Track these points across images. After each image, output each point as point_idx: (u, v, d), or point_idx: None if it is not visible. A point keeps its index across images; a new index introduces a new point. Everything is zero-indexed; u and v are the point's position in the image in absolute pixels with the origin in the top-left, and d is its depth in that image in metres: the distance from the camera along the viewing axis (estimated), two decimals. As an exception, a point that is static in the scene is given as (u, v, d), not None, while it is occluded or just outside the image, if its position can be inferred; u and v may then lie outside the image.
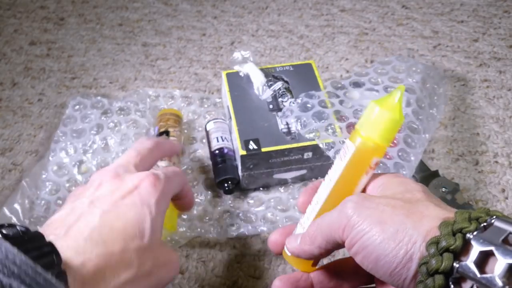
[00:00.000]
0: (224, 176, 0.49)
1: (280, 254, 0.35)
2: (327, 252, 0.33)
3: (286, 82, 0.52)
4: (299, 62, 0.55)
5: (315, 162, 0.49)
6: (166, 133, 0.51)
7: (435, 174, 0.50)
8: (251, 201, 0.50)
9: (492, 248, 0.24)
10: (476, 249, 0.25)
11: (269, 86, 0.51)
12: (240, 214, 0.48)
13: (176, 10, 0.74)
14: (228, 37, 0.69)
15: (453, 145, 0.55)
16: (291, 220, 0.48)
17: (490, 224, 0.26)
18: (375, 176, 0.33)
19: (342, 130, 0.47)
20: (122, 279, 0.29)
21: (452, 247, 0.25)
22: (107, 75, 0.64)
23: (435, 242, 0.26)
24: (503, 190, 0.50)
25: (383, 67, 0.53)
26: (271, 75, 0.53)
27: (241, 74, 0.53)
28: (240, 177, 0.49)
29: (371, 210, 0.28)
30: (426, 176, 0.50)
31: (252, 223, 0.48)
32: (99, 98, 0.56)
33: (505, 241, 0.25)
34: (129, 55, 0.67)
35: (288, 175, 0.50)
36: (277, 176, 0.50)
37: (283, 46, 0.68)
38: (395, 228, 0.27)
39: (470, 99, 0.60)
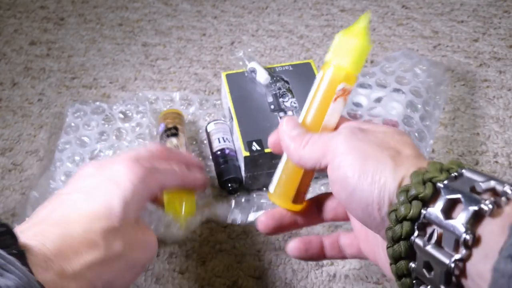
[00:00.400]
0: (228, 176, 0.49)
1: (268, 233, 0.37)
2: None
3: (286, 82, 0.52)
4: (298, 62, 0.55)
5: None
6: (175, 128, 0.51)
7: (435, 174, 0.51)
8: (255, 201, 0.50)
9: (459, 195, 0.25)
10: (444, 196, 0.26)
11: (273, 83, 0.52)
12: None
13: (176, 10, 0.74)
14: (228, 37, 0.69)
15: (453, 145, 0.55)
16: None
17: (461, 175, 0.27)
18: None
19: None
20: (88, 259, 0.28)
21: (421, 195, 0.26)
22: (107, 75, 0.64)
23: (405, 190, 0.27)
24: (503, 190, 0.51)
25: (390, 65, 0.53)
26: (271, 76, 0.53)
27: (246, 70, 0.53)
28: (243, 177, 0.49)
29: (361, 143, 0.30)
30: (426, 176, 0.50)
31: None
32: (98, 103, 0.55)
33: (473, 189, 0.25)
34: (129, 55, 0.67)
35: None
36: None
37: (283, 46, 0.68)
38: (375, 167, 0.28)
39: (470, 99, 0.60)
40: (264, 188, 0.51)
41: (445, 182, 0.26)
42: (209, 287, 0.43)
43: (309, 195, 0.36)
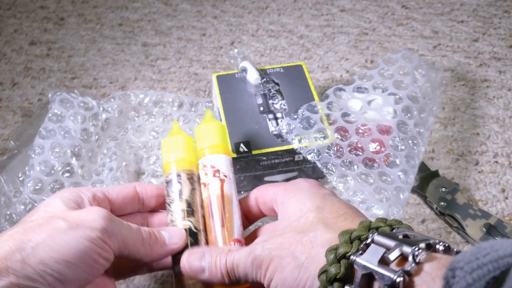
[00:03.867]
0: None
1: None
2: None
3: (277, 84, 0.52)
4: (290, 64, 0.54)
5: (306, 164, 0.49)
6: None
7: (435, 174, 0.50)
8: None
9: (371, 270, 0.25)
10: (359, 273, 0.25)
11: (263, 84, 0.51)
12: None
13: (176, 10, 0.74)
14: (228, 37, 0.69)
15: (453, 145, 0.55)
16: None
17: (372, 241, 0.26)
18: (281, 188, 0.35)
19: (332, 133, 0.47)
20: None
21: (339, 276, 0.26)
22: (107, 75, 0.64)
23: (324, 271, 0.27)
24: (503, 190, 0.50)
25: (388, 68, 0.52)
26: (262, 77, 0.53)
27: (238, 70, 0.53)
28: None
29: (274, 251, 0.30)
30: (426, 176, 0.50)
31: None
32: (86, 99, 0.54)
33: (382, 260, 0.25)
34: (129, 55, 0.67)
35: (279, 177, 0.50)
36: (268, 178, 0.49)
37: (283, 46, 0.68)
38: (292, 266, 0.29)
39: (470, 99, 0.60)
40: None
41: (357, 255, 0.26)
42: (209, 287, 0.43)
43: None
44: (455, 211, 0.47)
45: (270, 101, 0.51)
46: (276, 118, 0.49)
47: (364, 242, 0.27)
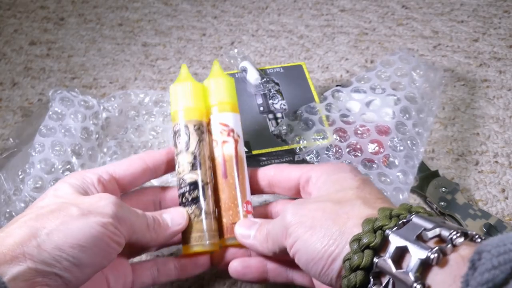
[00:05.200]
0: None
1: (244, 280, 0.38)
2: (280, 257, 0.35)
3: (277, 83, 0.52)
4: (290, 64, 0.54)
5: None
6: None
7: (435, 174, 0.50)
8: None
9: (406, 244, 0.25)
10: (393, 245, 0.26)
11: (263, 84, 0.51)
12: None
13: (176, 10, 0.74)
14: (228, 37, 0.69)
15: (453, 145, 0.55)
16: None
17: (409, 221, 0.27)
18: (317, 168, 0.36)
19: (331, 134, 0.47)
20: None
21: (372, 244, 0.27)
22: (107, 75, 0.64)
23: (357, 239, 0.27)
24: (503, 190, 0.50)
25: (385, 70, 0.52)
26: (262, 77, 0.53)
27: (238, 70, 0.53)
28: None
29: (304, 217, 0.31)
30: (426, 176, 0.50)
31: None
32: (87, 97, 0.54)
33: (419, 237, 0.26)
34: (129, 55, 0.67)
35: None
36: None
37: (283, 46, 0.68)
38: (322, 232, 0.29)
39: (470, 99, 0.60)
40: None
41: (394, 229, 0.27)
42: (209, 287, 0.43)
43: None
44: (455, 211, 0.47)
45: (270, 101, 0.51)
46: (276, 118, 0.49)
47: (402, 221, 0.27)
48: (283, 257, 0.35)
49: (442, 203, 0.47)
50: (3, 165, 0.50)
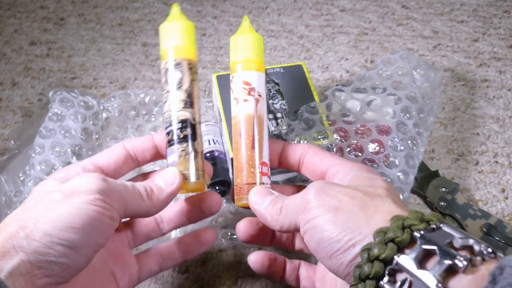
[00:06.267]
0: (216, 179, 0.48)
1: (247, 241, 0.38)
2: (287, 232, 0.35)
3: (277, 84, 0.52)
4: (290, 64, 0.54)
5: None
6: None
7: (435, 174, 0.50)
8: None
9: (435, 247, 0.25)
10: (420, 246, 0.26)
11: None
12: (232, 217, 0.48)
13: (176, 10, 0.74)
14: (228, 37, 0.69)
15: (453, 145, 0.55)
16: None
17: (439, 228, 0.27)
18: (350, 163, 0.35)
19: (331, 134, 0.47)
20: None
21: (398, 239, 0.26)
22: (107, 75, 0.64)
23: (383, 231, 0.27)
24: (503, 190, 0.50)
25: (387, 69, 0.52)
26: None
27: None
28: (231, 179, 0.49)
29: (330, 197, 0.30)
30: (426, 176, 0.50)
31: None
32: (87, 98, 0.55)
33: (450, 244, 0.26)
34: (129, 55, 0.67)
35: (279, 177, 0.50)
36: None
37: (283, 46, 0.68)
38: (347, 216, 0.28)
39: (470, 99, 0.60)
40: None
41: (422, 232, 0.26)
42: (209, 287, 0.43)
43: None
44: (455, 211, 0.47)
45: (270, 101, 0.51)
46: (276, 118, 0.49)
47: (431, 226, 0.27)
48: (288, 233, 0.35)
49: (442, 203, 0.48)
50: (4, 167, 0.50)
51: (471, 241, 0.25)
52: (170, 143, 0.36)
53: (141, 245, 0.41)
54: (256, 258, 0.37)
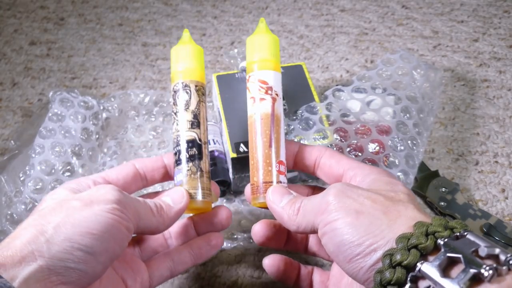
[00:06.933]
0: (215, 179, 0.48)
1: (262, 244, 0.38)
2: (302, 234, 0.35)
3: None
4: (290, 64, 0.54)
5: None
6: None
7: (435, 174, 0.50)
8: (243, 204, 0.50)
9: (460, 256, 0.25)
10: (444, 253, 0.25)
11: None
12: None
13: (176, 10, 0.74)
14: (228, 37, 0.69)
15: (453, 145, 0.55)
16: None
17: (463, 236, 0.27)
18: (368, 167, 0.35)
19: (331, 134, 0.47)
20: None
21: (421, 246, 0.26)
22: (107, 75, 0.64)
23: (406, 237, 0.26)
24: (503, 190, 0.51)
25: (387, 69, 0.52)
26: None
27: (238, 71, 0.53)
28: (231, 179, 0.49)
29: (351, 200, 0.29)
30: (426, 176, 0.50)
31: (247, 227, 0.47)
32: (87, 98, 0.55)
33: (475, 252, 0.25)
34: (129, 55, 0.67)
35: None
36: None
37: (283, 46, 0.68)
38: (369, 220, 0.28)
39: (470, 99, 0.60)
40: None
41: (447, 239, 0.26)
42: (209, 287, 0.43)
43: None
44: (455, 211, 0.47)
45: None
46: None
47: (455, 234, 0.27)
48: (304, 235, 0.35)
49: (442, 203, 0.48)
50: (4, 167, 0.50)
51: (497, 250, 0.25)
52: (177, 162, 0.37)
53: None
54: (271, 262, 0.37)
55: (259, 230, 0.37)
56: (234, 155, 0.46)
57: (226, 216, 0.39)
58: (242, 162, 0.47)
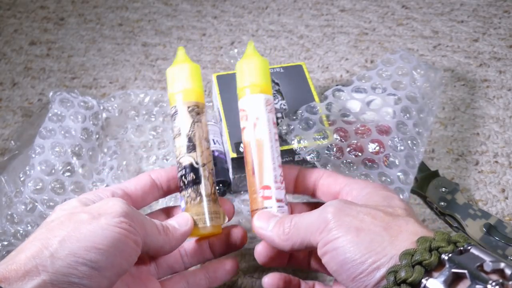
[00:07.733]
0: (216, 179, 0.48)
1: (265, 264, 0.37)
2: (297, 252, 0.34)
3: (277, 84, 0.52)
4: (290, 64, 0.54)
5: (306, 165, 0.49)
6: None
7: (435, 174, 0.50)
8: (243, 204, 0.50)
9: (465, 271, 0.24)
10: (449, 269, 0.25)
11: None
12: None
13: (176, 10, 0.74)
14: (228, 37, 0.69)
15: (453, 145, 0.55)
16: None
17: (467, 250, 0.26)
18: (363, 181, 0.35)
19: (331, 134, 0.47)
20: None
21: (425, 262, 0.26)
22: (107, 75, 0.64)
23: (409, 253, 0.26)
24: (503, 190, 0.51)
25: (387, 69, 0.52)
26: None
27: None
28: (231, 179, 0.49)
29: (351, 217, 0.29)
30: (426, 176, 0.50)
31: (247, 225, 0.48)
32: (87, 98, 0.54)
33: (480, 267, 0.25)
34: (129, 55, 0.67)
35: None
36: None
37: (283, 46, 0.68)
38: (370, 237, 0.28)
39: (470, 99, 0.60)
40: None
41: (451, 254, 0.26)
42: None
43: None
44: (455, 211, 0.47)
45: None
46: (276, 118, 0.49)
47: (459, 248, 0.26)
48: (298, 254, 0.35)
49: (442, 203, 0.48)
50: (4, 167, 0.50)
51: (502, 265, 0.24)
52: (180, 189, 0.37)
53: None
54: (271, 281, 0.36)
55: (261, 252, 0.37)
56: (234, 155, 0.46)
57: (241, 236, 0.39)
58: (242, 162, 0.46)
